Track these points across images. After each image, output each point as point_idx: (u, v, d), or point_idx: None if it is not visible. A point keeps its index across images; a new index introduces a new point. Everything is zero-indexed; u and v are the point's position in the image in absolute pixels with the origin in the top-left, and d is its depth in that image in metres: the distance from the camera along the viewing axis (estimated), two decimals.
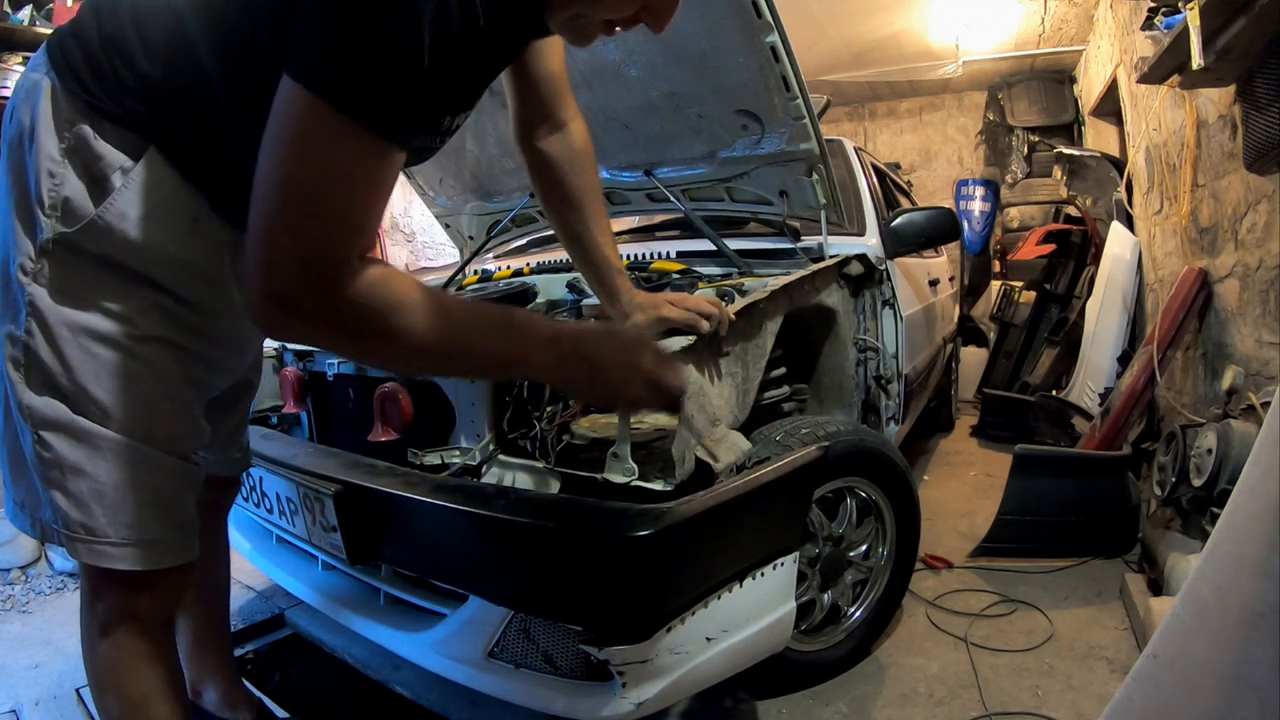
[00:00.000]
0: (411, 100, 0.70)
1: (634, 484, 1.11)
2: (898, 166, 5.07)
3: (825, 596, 1.60)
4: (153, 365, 0.89)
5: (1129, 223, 3.68)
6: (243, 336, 1.06)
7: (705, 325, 1.23)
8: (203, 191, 0.89)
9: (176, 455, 0.94)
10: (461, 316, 0.78)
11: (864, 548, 1.66)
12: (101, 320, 0.86)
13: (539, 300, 1.94)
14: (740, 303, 1.37)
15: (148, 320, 0.88)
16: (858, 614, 1.66)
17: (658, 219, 2.75)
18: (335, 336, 0.74)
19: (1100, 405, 2.93)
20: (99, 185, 0.85)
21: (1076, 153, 4.39)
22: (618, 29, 0.85)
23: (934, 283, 2.86)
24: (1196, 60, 1.74)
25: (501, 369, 0.93)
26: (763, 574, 1.24)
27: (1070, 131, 5.46)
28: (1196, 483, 1.79)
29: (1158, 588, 1.83)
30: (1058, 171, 5.07)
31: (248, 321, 1.00)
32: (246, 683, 1.44)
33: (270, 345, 1.78)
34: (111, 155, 0.85)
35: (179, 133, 0.86)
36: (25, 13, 2.60)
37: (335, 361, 1.56)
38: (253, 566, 1.79)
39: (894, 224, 2.16)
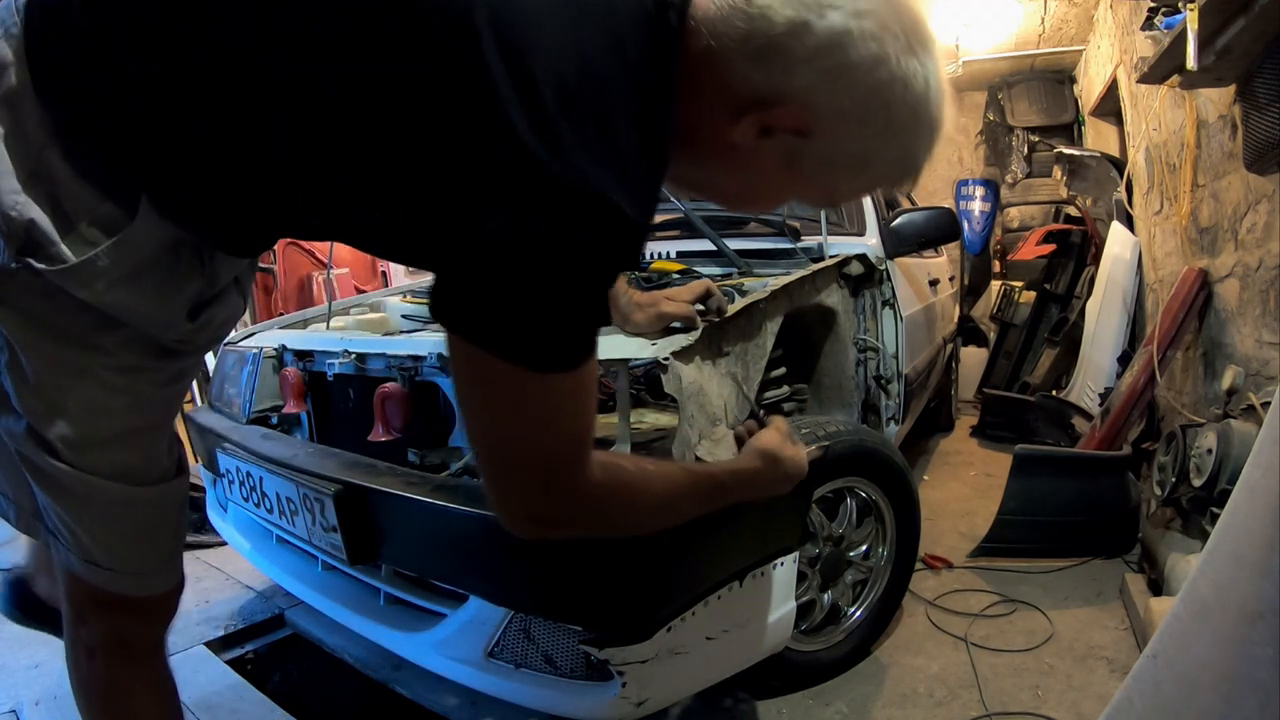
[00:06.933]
0: (595, 328, 0.69)
1: None
2: None
3: (825, 596, 1.60)
4: (134, 396, 0.79)
5: (1129, 223, 3.68)
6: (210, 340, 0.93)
7: (699, 319, 1.25)
8: (187, 231, 0.72)
9: (155, 482, 0.85)
10: (685, 489, 0.89)
11: (864, 548, 1.66)
12: (78, 354, 0.74)
13: None
14: (740, 303, 1.37)
15: (128, 353, 0.77)
16: (858, 614, 1.66)
17: (658, 219, 2.74)
18: (586, 529, 0.81)
19: (1100, 405, 2.93)
20: (81, 240, 0.68)
21: (1076, 153, 4.38)
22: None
23: (934, 283, 2.85)
24: (1191, 62, 1.75)
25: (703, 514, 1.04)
26: (763, 574, 1.24)
27: (1070, 131, 5.45)
28: (1196, 483, 1.79)
29: (1158, 588, 1.83)
30: (1058, 171, 5.06)
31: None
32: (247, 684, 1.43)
33: (270, 345, 1.78)
34: (103, 213, 0.67)
35: (168, 164, 0.68)
36: None
37: (335, 361, 1.56)
38: (253, 566, 1.79)
39: (894, 224, 2.16)
